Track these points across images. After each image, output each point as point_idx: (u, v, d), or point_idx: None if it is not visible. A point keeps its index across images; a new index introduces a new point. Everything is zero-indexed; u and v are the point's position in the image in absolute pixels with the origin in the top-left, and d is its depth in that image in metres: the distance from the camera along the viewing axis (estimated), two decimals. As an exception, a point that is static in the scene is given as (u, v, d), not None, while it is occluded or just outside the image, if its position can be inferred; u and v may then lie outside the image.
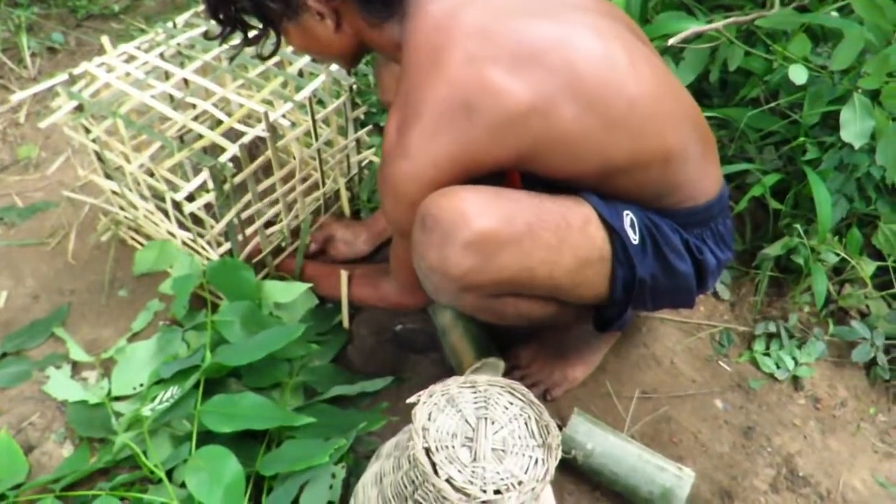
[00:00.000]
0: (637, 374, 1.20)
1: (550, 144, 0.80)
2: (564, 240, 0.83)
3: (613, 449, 1.00)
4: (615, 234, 0.86)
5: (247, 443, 0.99)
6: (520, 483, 0.67)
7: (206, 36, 1.19)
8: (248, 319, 1.10)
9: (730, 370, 1.22)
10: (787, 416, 1.16)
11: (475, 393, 0.74)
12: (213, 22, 0.90)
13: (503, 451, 0.69)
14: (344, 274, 1.16)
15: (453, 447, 0.69)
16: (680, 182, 0.90)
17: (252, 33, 0.90)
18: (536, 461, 0.69)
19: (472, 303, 0.87)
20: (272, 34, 0.90)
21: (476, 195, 0.79)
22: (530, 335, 1.18)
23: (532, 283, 0.84)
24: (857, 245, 1.26)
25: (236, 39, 0.93)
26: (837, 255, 1.25)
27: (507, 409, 0.73)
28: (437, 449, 0.68)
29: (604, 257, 0.87)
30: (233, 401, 0.98)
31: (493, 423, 0.72)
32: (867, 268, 1.26)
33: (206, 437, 0.96)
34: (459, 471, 0.67)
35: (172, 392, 1.01)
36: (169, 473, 0.97)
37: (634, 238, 0.87)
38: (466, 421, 0.71)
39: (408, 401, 0.72)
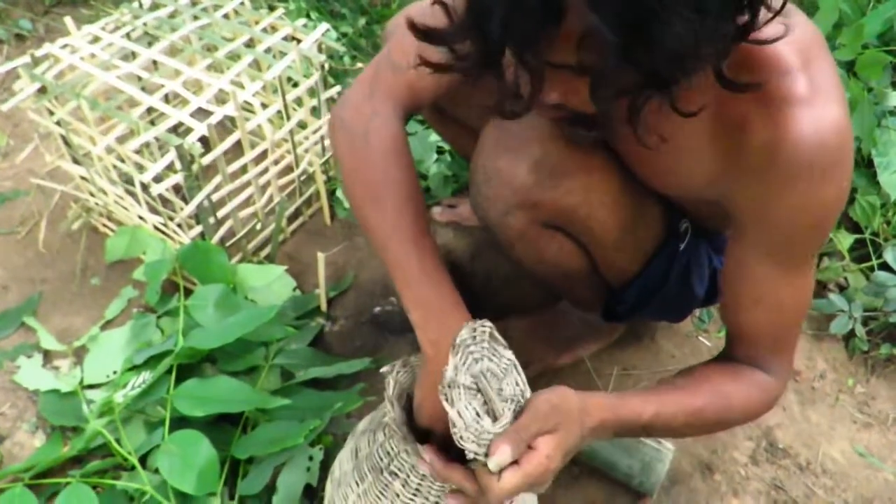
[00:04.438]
0: (616, 351, 1.19)
1: None
2: (630, 197, 0.83)
3: (592, 424, 1.00)
4: (671, 232, 0.89)
5: (222, 427, 0.98)
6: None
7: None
8: (222, 303, 1.08)
9: (709, 345, 1.22)
10: (767, 390, 1.16)
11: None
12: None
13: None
14: (321, 256, 1.14)
15: None
16: None
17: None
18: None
19: (520, 227, 0.84)
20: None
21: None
22: (522, 314, 1.17)
23: (585, 222, 0.83)
24: (835, 218, 1.26)
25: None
26: (815, 228, 1.25)
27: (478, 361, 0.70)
28: (456, 406, 0.66)
29: (655, 234, 0.89)
30: (206, 384, 0.96)
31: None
32: (844, 241, 1.26)
33: (181, 423, 0.94)
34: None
35: (144, 377, 0.99)
36: (143, 460, 0.95)
37: (681, 245, 0.90)
38: (472, 371, 0.69)
39: (381, 370, 0.71)
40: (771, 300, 0.72)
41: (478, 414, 0.62)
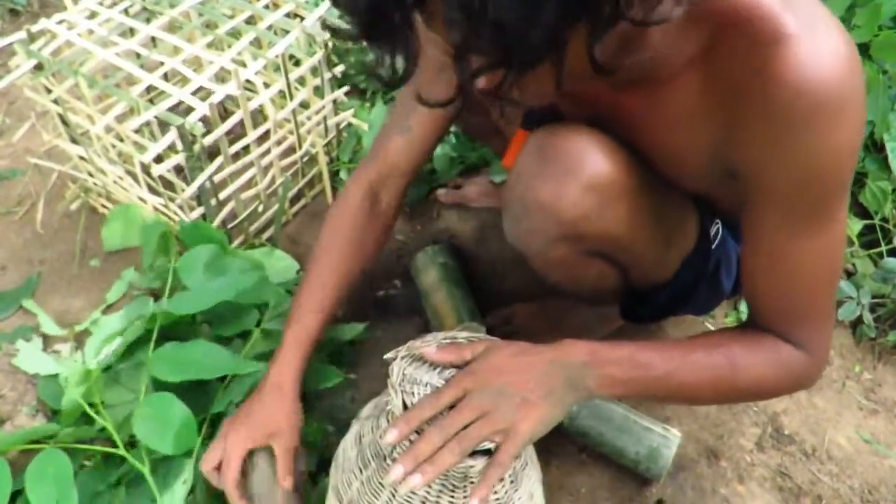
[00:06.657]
0: (621, 338, 1.17)
1: None
2: (669, 213, 0.80)
3: (599, 411, 0.99)
4: (703, 235, 0.85)
5: (205, 388, 0.95)
6: None
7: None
8: (212, 265, 1.03)
9: (716, 331, 1.21)
10: (773, 376, 1.15)
11: None
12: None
13: None
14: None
15: None
16: None
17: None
18: None
19: (561, 257, 0.80)
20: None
21: (603, 137, 0.72)
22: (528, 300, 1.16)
23: (629, 247, 0.79)
24: (845, 203, 1.24)
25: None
26: (824, 213, 1.23)
27: None
28: (413, 404, 0.66)
29: (690, 242, 0.85)
30: (183, 349, 0.93)
31: None
32: (854, 226, 1.25)
33: (164, 388, 0.91)
34: None
35: (117, 343, 0.97)
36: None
37: (713, 246, 0.87)
38: (442, 375, 0.69)
39: (385, 357, 0.70)
40: (787, 265, 0.65)
41: None
